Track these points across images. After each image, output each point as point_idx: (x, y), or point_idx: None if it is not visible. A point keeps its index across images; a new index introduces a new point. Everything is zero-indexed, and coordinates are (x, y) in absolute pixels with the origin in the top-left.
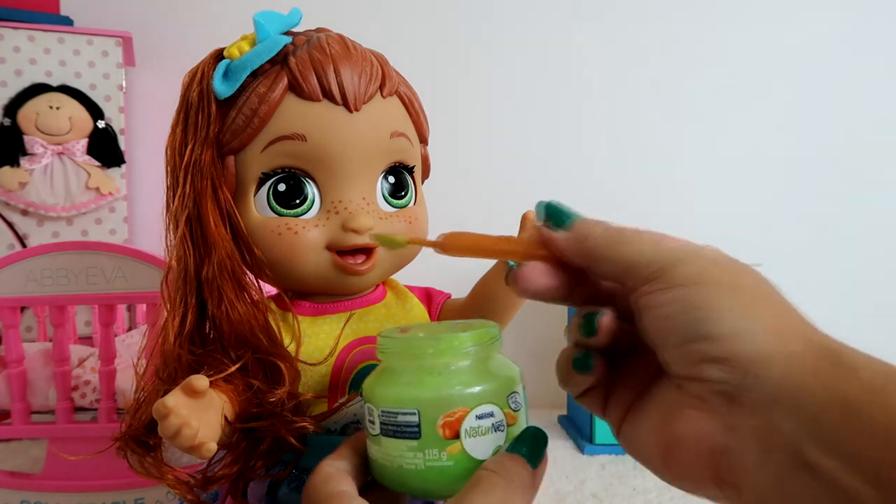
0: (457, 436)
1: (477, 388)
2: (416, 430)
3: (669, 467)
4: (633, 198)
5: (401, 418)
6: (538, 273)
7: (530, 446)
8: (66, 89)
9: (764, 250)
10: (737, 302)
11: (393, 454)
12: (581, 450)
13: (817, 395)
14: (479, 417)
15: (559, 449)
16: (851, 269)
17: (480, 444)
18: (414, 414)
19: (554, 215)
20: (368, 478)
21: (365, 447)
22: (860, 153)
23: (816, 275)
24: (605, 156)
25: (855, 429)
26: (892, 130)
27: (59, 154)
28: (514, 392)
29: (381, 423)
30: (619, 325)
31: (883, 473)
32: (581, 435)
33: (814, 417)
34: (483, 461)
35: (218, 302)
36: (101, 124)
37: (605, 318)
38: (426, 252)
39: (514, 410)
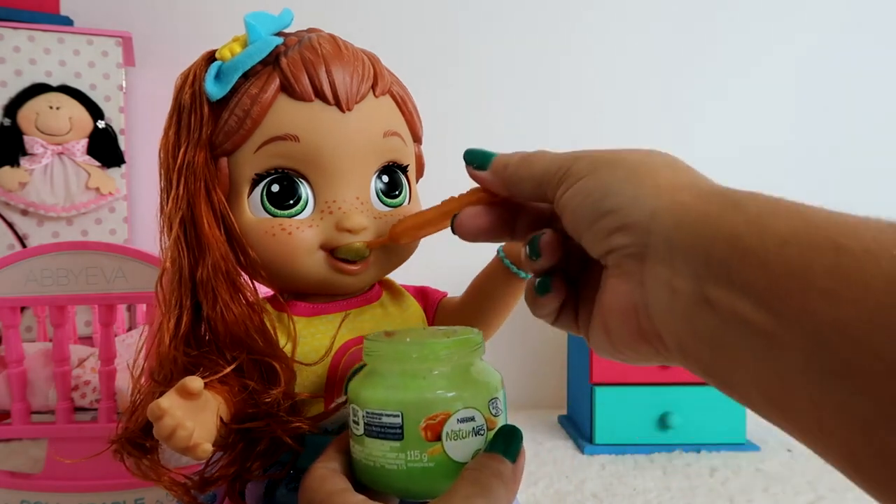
0: (438, 438)
1: (459, 393)
2: (398, 431)
3: (611, 341)
4: None
5: (384, 419)
6: (473, 214)
7: (506, 443)
8: (66, 89)
9: None
10: (624, 176)
11: (376, 454)
12: (581, 450)
13: (707, 234)
14: (461, 421)
15: (559, 449)
16: None
17: (461, 447)
18: (397, 416)
19: (476, 158)
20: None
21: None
22: (861, 152)
23: None
24: None
25: (740, 258)
26: (893, 128)
27: (59, 154)
28: (495, 398)
29: (365, 424)
30: (563, 243)
31: (766, 295)
32: (581, 435)
33: (706, 254)
34: (463, 463)
35: (213, 303)
36: (101, 124)
37: (545, 237)
38: (422, 251)
39: (495, 415)
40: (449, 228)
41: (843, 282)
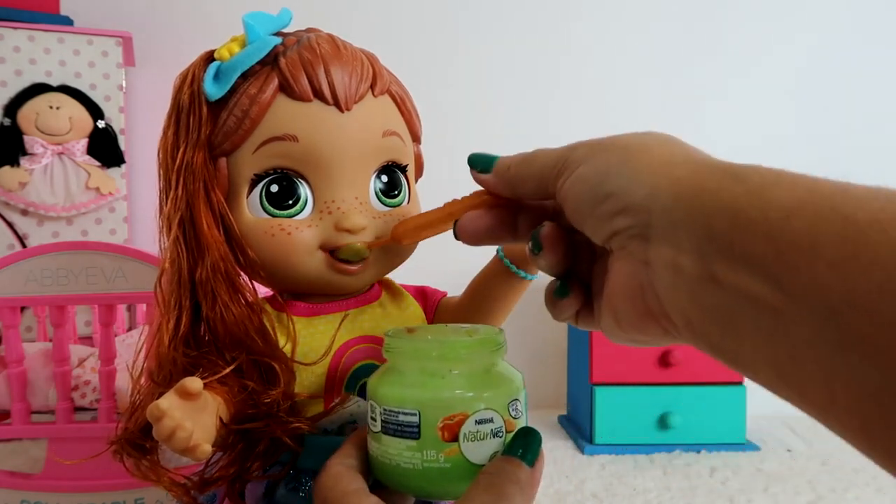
0: (455, 439)
1: (478, 393)
2: (415, 430)
3: (620, 324)
4: None
5: (402, 418)
6: (474, 217)
7: (525, 446)
8: (66, 89)
9: None
10: (619, 158)
11: (392, 452)
12: (581, 450)
13: (707, 207)
14: (479, 422)
15: (559, 449)
16: None
17: (478, 449)
18: (414, 414)
19: (479, 162)
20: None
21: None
22: (860, 152)
23: None
24: None
25: (742, 232)
26: (893, 128)
27: (59, 154)
28: (516, 399)
29: (383, 421)
30: (566, 236)
31: (772, 268)
32: (581, 435)
33: (707, 229)
34: (480, 465)
35: (212, 304)
36: (101, 124)
37: (544, 230)
38: (421, 251)
39: (514, 418)
40: (451, 231)
41: (851, 253)
